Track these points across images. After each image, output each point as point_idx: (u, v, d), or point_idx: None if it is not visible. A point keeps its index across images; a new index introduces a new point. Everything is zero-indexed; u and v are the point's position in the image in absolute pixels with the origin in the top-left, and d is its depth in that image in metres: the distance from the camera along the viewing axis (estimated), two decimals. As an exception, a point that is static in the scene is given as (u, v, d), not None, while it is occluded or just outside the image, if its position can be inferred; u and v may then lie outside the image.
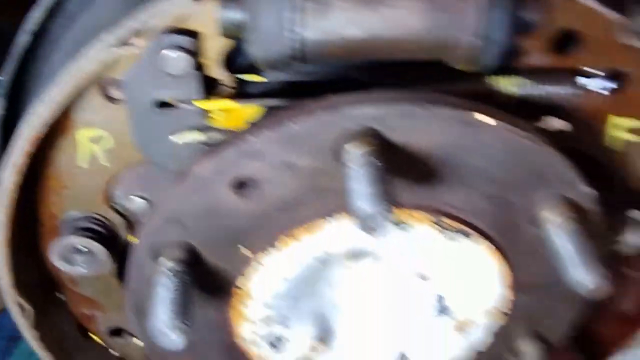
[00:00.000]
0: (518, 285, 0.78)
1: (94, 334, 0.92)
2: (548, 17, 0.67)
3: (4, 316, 1.37)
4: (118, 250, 0.80)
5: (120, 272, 0.82)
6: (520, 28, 0.66)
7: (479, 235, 0.72)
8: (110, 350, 0.96)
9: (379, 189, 0.56)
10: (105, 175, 0.76)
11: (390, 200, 0.57)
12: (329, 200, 0.68)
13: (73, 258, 0.78)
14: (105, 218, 0.78)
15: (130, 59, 0.66)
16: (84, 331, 0.92)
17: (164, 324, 0.62)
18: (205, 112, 0.70)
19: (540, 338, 0.86)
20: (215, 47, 0.66)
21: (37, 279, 0.84)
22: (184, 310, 0.64)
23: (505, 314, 0.80)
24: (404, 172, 0.67)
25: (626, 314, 0.97)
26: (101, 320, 0.90)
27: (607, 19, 0.67)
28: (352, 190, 0.56)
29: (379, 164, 0.59)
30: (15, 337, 1.41)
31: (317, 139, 0.64)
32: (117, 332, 0.92)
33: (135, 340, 0.92)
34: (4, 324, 1.37)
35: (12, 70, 0.81)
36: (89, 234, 0.77)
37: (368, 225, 0.55)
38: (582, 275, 0.62)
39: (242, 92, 0.71)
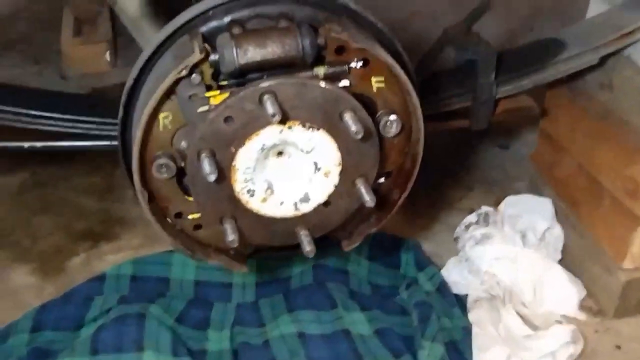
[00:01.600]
0: (342, 150, 1.36)
1: (167, 217, 1.46)
2: (323, 42, 1.31)
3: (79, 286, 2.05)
4: (178, 168, 1.37)
5: (179, 180, 1.39)
6: (319, 47, 1.29)
7: (322, 129, 1.32)
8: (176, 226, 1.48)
9: (276, 109, 1.39)
10: (170, 133, 1.32)
11: (279, 113, 1.36)
12: (260, 123, 1.30)
13: (161, 170, 1.34)
14: (172, 153, 1.35)
15: (179, 80, 1.25)
16: (163, 216, 1.47)
17: (208, 172, 1.38)
18: (208, 98, 1.29)
19: (365, 178, 1.41)
20: (208, 71, 1.28)
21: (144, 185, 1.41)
22: (214, 165, 1.38)
23: (341, 164, 1.39)
24: (285, 108, 1.31)
25: (405, 174, 1.62)
26: (171, 208, 1.44)
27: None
28: (265, 107, 1.38)
29: (275, 101, 1.38)
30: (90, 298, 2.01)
31: (251, 98, 1.25)
32: (179, 215, 1.45)
33: (188, 217, 1.46)
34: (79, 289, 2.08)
35: (126, 94, 1.36)
36: (165, 158, 1.36)
37: (272, 118, 1.38)
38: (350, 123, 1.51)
39: (220, 88, 1.31)
